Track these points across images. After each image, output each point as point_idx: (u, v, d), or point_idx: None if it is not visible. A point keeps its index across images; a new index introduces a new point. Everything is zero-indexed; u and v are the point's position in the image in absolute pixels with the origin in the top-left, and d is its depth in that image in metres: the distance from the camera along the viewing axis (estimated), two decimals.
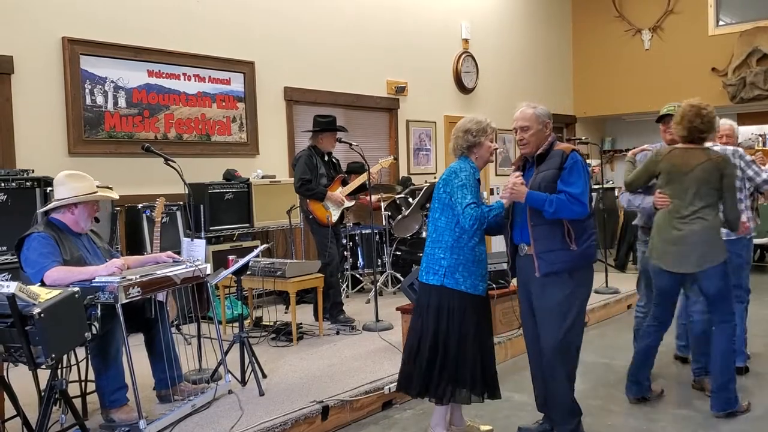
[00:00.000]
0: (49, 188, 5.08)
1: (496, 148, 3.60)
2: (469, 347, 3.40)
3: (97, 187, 3.82)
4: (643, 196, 4.20)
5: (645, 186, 4.21)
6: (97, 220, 3.87)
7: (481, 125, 3.50)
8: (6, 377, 3.24)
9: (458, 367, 3.40)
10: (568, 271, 3.34)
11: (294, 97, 7.65)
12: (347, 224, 6.94)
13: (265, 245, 4.87)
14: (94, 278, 3.36)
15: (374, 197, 6.39)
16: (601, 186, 8.76)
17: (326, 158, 5.87)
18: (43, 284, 3.27)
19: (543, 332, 3.42)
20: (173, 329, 4.23)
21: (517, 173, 3.45)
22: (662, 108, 4.45)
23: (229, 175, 6.66)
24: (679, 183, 3.88)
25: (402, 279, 6.37)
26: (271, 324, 5.52)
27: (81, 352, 3.69)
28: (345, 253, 6.92)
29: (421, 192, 7.09)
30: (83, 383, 3.80)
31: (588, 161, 11.53)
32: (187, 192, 4.61)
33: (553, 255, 3.33)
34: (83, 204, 3.69)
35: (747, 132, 11.22)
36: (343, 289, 6.78)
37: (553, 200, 3.27)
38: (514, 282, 4.07)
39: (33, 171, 5.15)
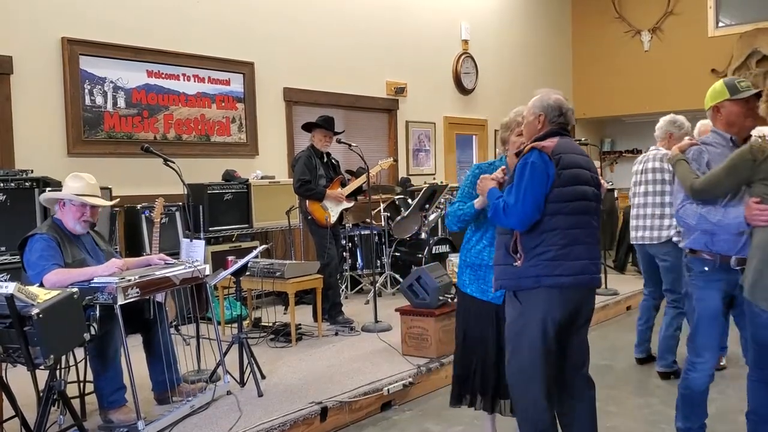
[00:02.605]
0: (48, 188, 5.07)
1: (523, 143, 3.13)
2: (470, 352, 3.32)
3: (101, 188, 3.81)
4: (724, 209, 2.98)
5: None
6: (92, 225, 3.84)
7: (507, 120, 3.29)
8: (5, 378, 3.24)
9: (463, 370, 3.35)
10: (512, 289, 2.91)
11: (293, 98, 7.65)
12: (346, 225, 6.94)
13: (264, 246, 4.86)
14: (92, 279, 3.35)
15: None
16: None
17: (325, 159, 5.86)
18: (42, 286, 3.26)
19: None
20: (172, 330, 4.23)
21: (503, 167, 3.15)
22: (722, 84, 3.20)
23: (229, 176, 6.66)
24: None
25: (401, 280, 6.36)
26: (270, 325, 5.51)
27: (80, 352, 3.68)
28: (344, 254, 6.91)
29: (420, 193, 7.09)
30: (82, 384, 3.79)
31: None
32: (186, 192, 4.61)
33: (499, 269, 2.96)
34: (70, 203, 3.67)
35: None
36: (342, 290, 6.77)
37: (495, 205, 2.88)
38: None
39: (32, 171, 5.15)
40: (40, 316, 2.68)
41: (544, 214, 2.79)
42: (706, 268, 3.13)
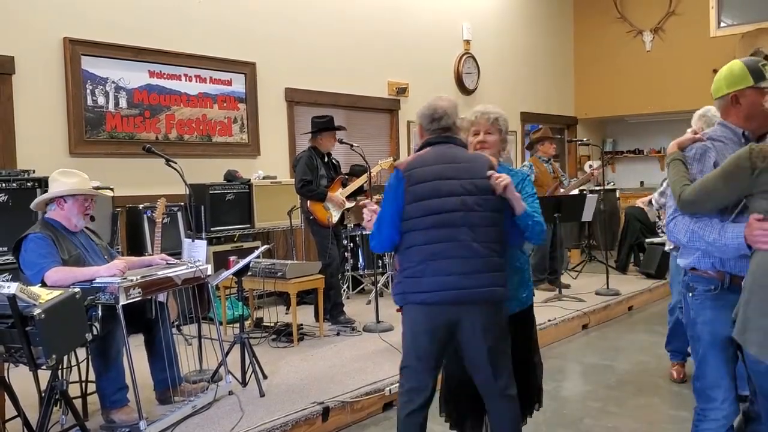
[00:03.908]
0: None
1: (471, 143, 3.05)
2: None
3: (95, 188, 3.81)
4: (721, 227, 2.37)
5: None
6: (92, 218, 3.86)
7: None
8: (7, 378, 3.25)
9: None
10: (397, 304, 2.91)
11: (295, 98, 7.65)
12: (348, 225, 6.94)
13: (265, 246, 4.87)
14: (94, 279, 3.36)
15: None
16: (601, 187, 8.75)
17: (326, 159, 5.87)
18: (43, 285, 3.26)
19: None
20: (174, 330, 4.23)
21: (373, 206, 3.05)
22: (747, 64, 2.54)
23: (230, 176, 6.66)
24: None
25: None
26: (272, 325, 5.52)
27: (81, 352, 3.69)
28: (345, 254, 6.92)
29: None
30: (84, 384, 3.80)
31: (589, 162, 11.56)
32: (188, 193, 4.61)
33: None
34: (73, 199, 3.66)
35: None
36: (344, 290, 6.78)
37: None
38: None
39: (34, 171, 5.14)
40: (42, 316, 2.68)
41: (402, 232, 2.78)
42: (713, 287, 2.52)
